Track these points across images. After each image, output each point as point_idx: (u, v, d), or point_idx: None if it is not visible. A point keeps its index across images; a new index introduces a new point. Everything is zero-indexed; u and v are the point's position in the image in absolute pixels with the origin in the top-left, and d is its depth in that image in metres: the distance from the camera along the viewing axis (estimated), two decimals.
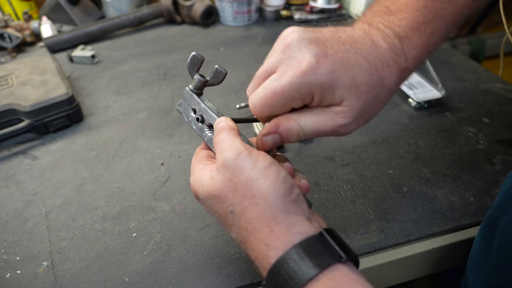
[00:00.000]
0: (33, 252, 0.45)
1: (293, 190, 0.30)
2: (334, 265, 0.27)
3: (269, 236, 0.28)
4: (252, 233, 0.29)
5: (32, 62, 0.72)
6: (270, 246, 0.28)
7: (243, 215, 0.30)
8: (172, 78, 0.80)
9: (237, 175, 0.30)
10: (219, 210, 0.31)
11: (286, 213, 0.29)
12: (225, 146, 0.31)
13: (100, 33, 0.95)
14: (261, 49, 0.91)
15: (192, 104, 0.38)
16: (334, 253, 0.28)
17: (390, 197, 0.51)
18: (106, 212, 0.50)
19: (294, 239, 0.28)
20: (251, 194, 0.29)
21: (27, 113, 0.61)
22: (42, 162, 0.59)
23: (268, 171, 0.30)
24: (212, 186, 0.31)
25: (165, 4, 1.00)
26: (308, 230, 0.29)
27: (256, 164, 0.30)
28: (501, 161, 0.56)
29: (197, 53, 0.37)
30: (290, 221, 0.29)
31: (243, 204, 0.30)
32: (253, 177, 0.29)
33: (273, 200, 0.29)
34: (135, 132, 0.65)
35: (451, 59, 0.83)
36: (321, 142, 0.61)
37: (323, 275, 0.26)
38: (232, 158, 0.30)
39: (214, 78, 0.37)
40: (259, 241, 0.29)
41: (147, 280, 0.42)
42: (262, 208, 0.29)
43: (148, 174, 0.56)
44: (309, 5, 1.04)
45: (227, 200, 0.30)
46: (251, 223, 0.29)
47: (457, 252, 0.48)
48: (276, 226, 0.29)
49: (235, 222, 0.31)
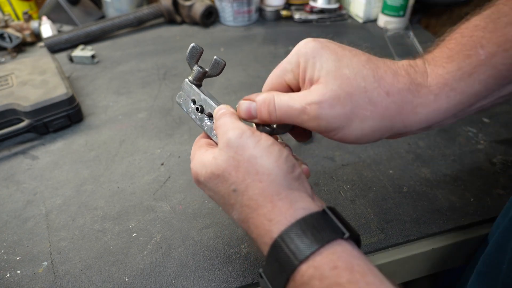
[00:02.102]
0: (33, 252, 0.45)
1: (295, 168, 0.31)
2: (336, 241, 0.27)
3: (272, 211, 0.29)
4: (255, 210, 0.29)
5: (32, 62, 0.72)
6: (273, 221, 0.28)
7: (246, 192, 0.30)
8: (172, 78, 0.80)
9: (240, 153, 0.30)
10: (222, 190, 0.31)
11: (289, 189, 0.29)
12: (228, 127, 0.32)
13: (100, 33, 0.95)
14: (261, 49, 0.91)
15: (192, 95, 0.39)
16: (336, 229, 0.28)
17: (390, 197, 0.51)
18: (106, 212, 0.50)
19: (297, 214, 0.28)
20: (254, 171, 0.29)
21: (27, 113, 0.61)
22: (42, 162, 0.59)
23: (270, 149, 0.30)
24: (215, 165, 0.31)
25: (165, 4, 1.00)
26: (311, 207, 0.29)
27: (259, 142, 0.30)
28: (501, 161, 0.56)
29: (196, 44, 0.37)
30: (293, 197, 0.29)
31: (246, 181, 0.30)
32: (256, 155, 0.30)
33: (276, 176, 0.29)
34: (135, 132, 0.65)
35: None
36: (321, 142, 0.61)
37: (325, 249, 0.26)
38: (236, 137, 0.30)
39: (213, 69, 0.38)
40: (262, 217, 0.29)
41: (147, 280, 0.42)
42: (265, 184, 0.29)
43: (148, 174, 0.56)
44: (309, 5, 1.04)
45: (230, 178, 0.30)
46: (254, 200, 0.29)
47: (457, 252, 0.48)
48: (279, 201, 0.29)
49: (237, 200, 0.31)
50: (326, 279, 0.25)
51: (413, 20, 0.99)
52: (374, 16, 1.02)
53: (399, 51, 0.81)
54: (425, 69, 0.31)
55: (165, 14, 1.02)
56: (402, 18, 0.94)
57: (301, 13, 1.04)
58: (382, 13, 0.97)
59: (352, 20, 1.05)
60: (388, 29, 0.93)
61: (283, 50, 0.89)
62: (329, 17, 1.04)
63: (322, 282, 0.25)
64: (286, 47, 0.90)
